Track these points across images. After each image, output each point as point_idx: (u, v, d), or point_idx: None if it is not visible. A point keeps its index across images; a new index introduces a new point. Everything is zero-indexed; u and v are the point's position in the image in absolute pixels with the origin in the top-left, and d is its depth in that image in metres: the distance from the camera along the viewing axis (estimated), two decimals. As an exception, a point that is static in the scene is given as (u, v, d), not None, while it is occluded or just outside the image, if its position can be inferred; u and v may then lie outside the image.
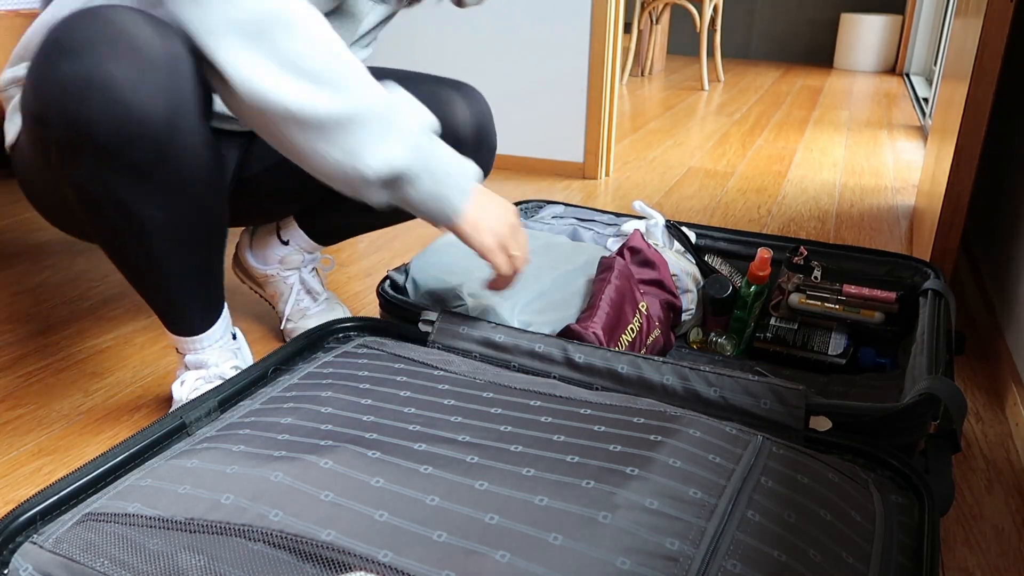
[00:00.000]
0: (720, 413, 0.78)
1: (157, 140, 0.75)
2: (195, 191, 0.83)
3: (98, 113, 0.72)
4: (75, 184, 0.79)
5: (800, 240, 1.23)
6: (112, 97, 0.72)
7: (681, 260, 1.20)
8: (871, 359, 1.11)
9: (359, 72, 0.77)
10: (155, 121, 0.75)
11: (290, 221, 1.23)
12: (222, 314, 0.98)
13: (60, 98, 0.72)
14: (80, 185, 0.78)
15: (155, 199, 0.80)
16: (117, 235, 0.83)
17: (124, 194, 0.79)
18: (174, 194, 0.81)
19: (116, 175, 0.77)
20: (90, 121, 0.72)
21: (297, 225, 1.22)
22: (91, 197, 0.79)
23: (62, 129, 0.73)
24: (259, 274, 1.24)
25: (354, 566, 0.53)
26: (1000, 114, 1.55)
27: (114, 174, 0.77)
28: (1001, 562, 0.83)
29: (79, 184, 0.79)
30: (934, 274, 1.11)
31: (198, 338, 0.96)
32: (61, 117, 0.73)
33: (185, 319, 0.94)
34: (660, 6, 4.31)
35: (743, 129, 3.03)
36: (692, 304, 1.19)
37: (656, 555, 0.53)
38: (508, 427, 0.69)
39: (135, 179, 0.78)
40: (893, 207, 2.06)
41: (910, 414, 0.74)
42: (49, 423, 1.04)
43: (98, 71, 0.71)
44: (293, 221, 1.22)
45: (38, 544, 0.59)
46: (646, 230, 1.19)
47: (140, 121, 0.74)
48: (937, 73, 3.10)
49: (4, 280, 1.48)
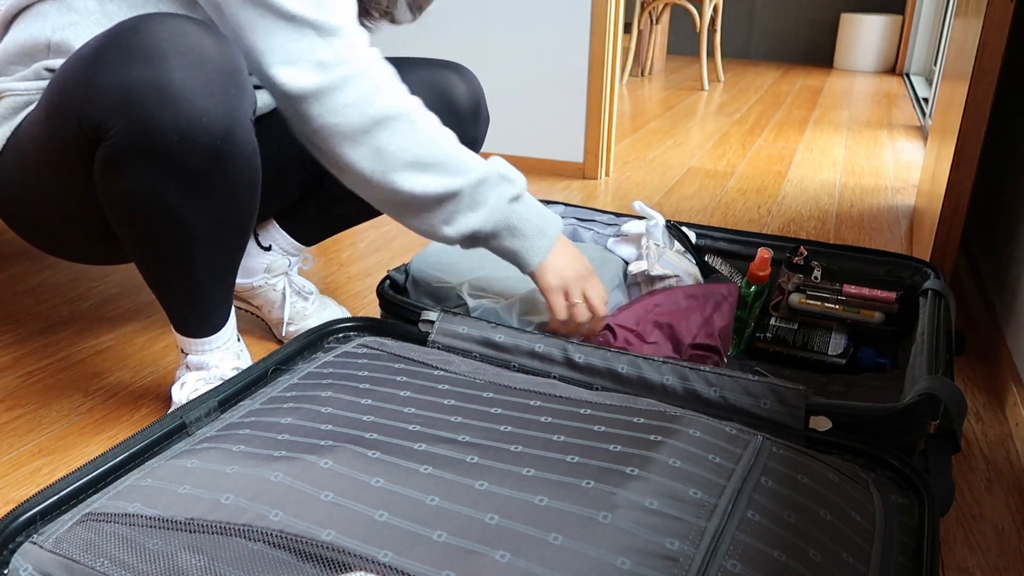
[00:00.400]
0: (720, 413, 0.78)
1: (217, 148, 0.78)
2: (243, 195, 0.85)
3: (170, 121, 0.74)
4: (123, 191, 0.79)
5: (800, 240, 1.23)
6: (183, 105, 0.74)
7: (683, 261, 1.20)
8: (871, 359, 1.11)
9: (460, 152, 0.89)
10: (219, 129, 0.77)
11: (269, 225, 1.20)
12: (231, 316, 0.98)
13: (126, 103, 0.73)
14: (130, 192, 0.79)
15: (204, 204, 0.82)
16: (157, 239, 0.84)
17: (175, 199, 0.80)
18: (224, 198, 0.83)
19: (173, 180, 0.78)
20: (160, 127, 0.74)
21: (278, 227, 1.20)
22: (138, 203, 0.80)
23: (129, 134, 0.74)
24: (243, 288, 1.21)
25: (354, 566, 0.53)
26: (1000, 114, 1.55)
27: (171, 179, 0.78)
28: (1001, 562, 0.83)
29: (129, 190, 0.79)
30: (934, 274, 1.11)
31: (209, 339, 0.96)
32: (126, 122, 0.74)
33: (202, 321, 0.94)
34: (660, 6, 4.31)
35: (743, 129, 3.03)
36: None
37: (656, 555, 0.53)
38: (508, 427, 0.69)
39: (191, 184, 0.79)
40: (893, 207, 2.06)
41: (910, 414, 0.74)
42: (49, 423, 1.04)
43: (170, 78, 0.73)
44: (273, 224, 1.20)
45: (38, 544, 0.59)
46: (647, 230, 1.19)
47: (207, 128, 0.76)
48: (937, 73, 3.10)
49: (4, 280, 1.48)
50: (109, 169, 0.79)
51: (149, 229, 0.83)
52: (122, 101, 0.73)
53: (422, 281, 1.06)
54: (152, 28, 0.74)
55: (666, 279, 1.15)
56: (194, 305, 0.92)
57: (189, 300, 0.91)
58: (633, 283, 1.19)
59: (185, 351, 0.97)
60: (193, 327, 0.95)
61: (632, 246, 1.20)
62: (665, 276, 1.15)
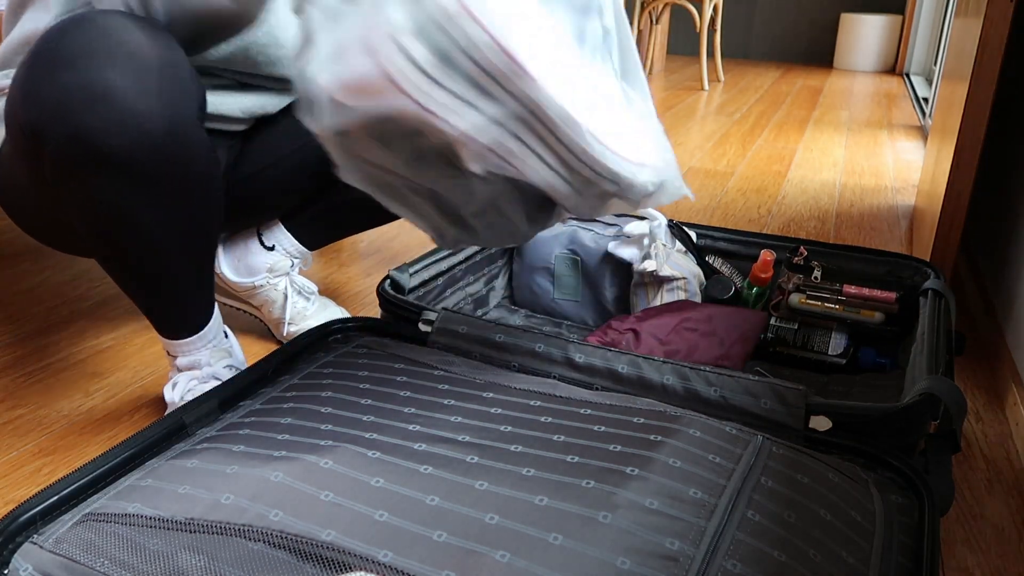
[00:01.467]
0: (720, 413, 0.78)
1: (160, 145, 0.75)
2: (196, 193, 0.83)
3: (100, 122, 0.71)
4: (74, 197, 0.78)
5: (800, 240, 1.23)
6: (113, 105, 0.71)
7: (689, 262, 1.20)
8: (871, 359, 1.11)
9: None
10: (157, 127, 0.74)
11: (274, 225, 1.20)
12: (214, 314, 0.97)
13: (58, 109, 0.71)
14: (80, 197, 0.77)
15: (158, 204, 0.80)
16: (117, 244, 0.82)
17: (126, 202, 0.78)
18: (177, 198, 0.81)
19: (119, 184, 0.76)
20: (92, 131, 0.72)
21: (283, 228, 1.20)
22: (91, 208, 0.78)
23: (62, 141, 0.72)
24: (244, 288, 1.20)
25: (354, 566, 0.53)
26: (1000, 114, 1.55)
27: (117, 183, 0.76)
28: (1001, 562, 0.83)
29: (79, 196, 0.77)
30: (934, 274, 1.11)
31: (192, 339, 0.95)
32: (60, 129, 0.72)
33: (180, 322, 0.93)
34: (660, 6, 4.31)
35: (743, 129, 3.03)
36: None
37: (656, 555, 0.53)
38: (508, 427, 0.69)
39: (138, 186, 0.77)
40: (893, 207, 2.06)
41: (910, 414, 0.74)
42: (49, 423, 1.04)
43: (97, 79, 0.71)
44: (279, 224, 1.20)
45: (38, 544, 0.59)
46: (650, 231, 1.19)
47: (143, 128, 0.73)
48: (937, 73, 3.10)
49: (4, 280, 1.48)
50: (56, 178, 0.77)
51: (108, 236, 0.81)
52: (53, 107, 0.71)
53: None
54: (78, 30, 0.72)
55: (674, 280, 1.15)
56: (168, 308, 0.91)
57: (161, 303, 0.90)
58: (639, 283, 1.19)
59: (172, 354, 0.97)
60: (171, 330, 0.94)
61: (635, 247, 1.20)
62: (674, 278, 1.15)
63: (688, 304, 1.10)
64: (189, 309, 0.92)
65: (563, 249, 1.27)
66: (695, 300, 1.17)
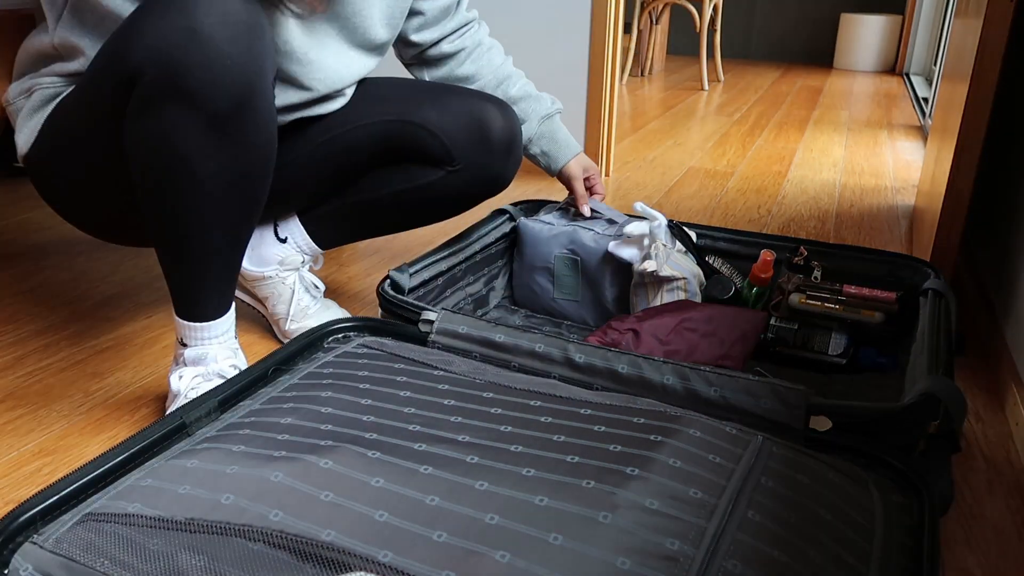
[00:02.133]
0: (720, 413, 0.78)
1: (240, 92, 0.83)
2: (254, 153, 0.89)
3: (197, 59, 0.80)
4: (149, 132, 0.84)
5: (800, 240, 1.23)
6: (211, 47, 0.80)
7: (689, 262, 1.20)
8: (871, 359, 1.11)
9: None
10: (242, 75, 0.83)
11: (290, 219, 1.22)
12: (231, 309, 0.99)
13: (163, 44, 0.80)
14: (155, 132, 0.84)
15: (221, 151, 0.86)
16: (170, 190, 0.87)
17: (195, 141, 0.84)
18: (238, 149, 0.87)
19: (196, 120, 0.83)
20: (189, 65, 0.80)
21: (299, 223, 1.22)
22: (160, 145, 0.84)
23: (160, 70, 0.81)
24: (254, 276, 1.23)
25: (354, 566, 0.53)
26: (1000, 114, 1.55)
27: (195, 119, 0.83)
28: (1001, 562, 0.83)
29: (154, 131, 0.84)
30: (934, 274, 1.11)
31: (208, 325, 0.96)
32: (162, 60, 0.80)
33: (205, 301, 0.95)
34: (660, 6, 4.31)
35: (743, 129, 3.03)
36: None
37: (656, 555, 0.53)
38: (508, 427, 0.69)
39: (212, 125, 0.84)
40: (893, 207, 2.06)
41: (910, 414, 0.74)
42: (49, 423, 1.04)
43: (202, 24, 0.80)
44: (295, 219, 1.22)
45: (38, 544, 0.59)
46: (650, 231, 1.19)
47: (231, 72, 0.82)
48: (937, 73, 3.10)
49: (4, 280, 1.48)
50: (140, 110, 0.84)
51: (165, 177, 0.86)
52: (155, 44, 0.81)
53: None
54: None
55: (675, 280, 1.15)
56: (199, 277, 0.93)
57: (194, 270, 0.93)
58: (639, 283, 1.18)
59: (185, 342, 0.97)
60: (194, 307, 0.95)
61: (635, 247, 1.20)
62: (674, 278, 1.15)
63: (688, 304, 1.10)
64: (215, 287, 0.95)
65: (563, 249, 1.27)
66: (695, 300, 1.17)
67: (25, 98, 0.99)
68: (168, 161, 0.85)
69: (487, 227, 1.28)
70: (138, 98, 0.83)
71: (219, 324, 0.98)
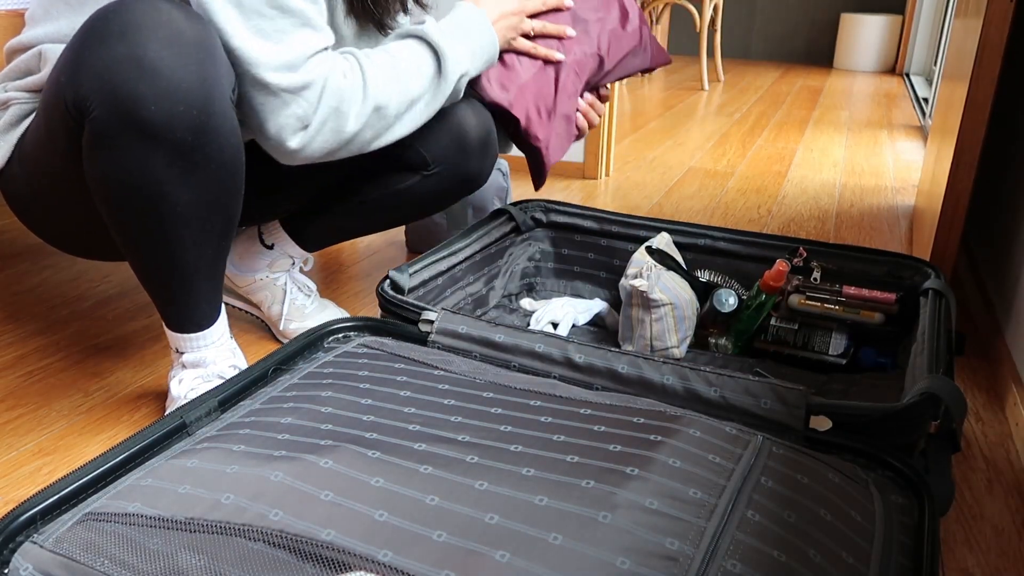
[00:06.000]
0: (720, 413, 0.78)
1: (197, 119, 0.80)
2: (223, 173, 0.86)
3: (146, 91, 0.76)
4: (108, 168, 0.81)
5: (800, 240, 1.23)
6: (159, 76, 0.77)
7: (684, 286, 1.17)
8: (871, 359, 1.11)
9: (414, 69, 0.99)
10: (196, 100, 0.79)
11: (274, 226, 1.22)
12: (222, 313, 0.98)
13: (105, 77, 0.76)
14: (114, 168, 0.81)
15: (188, 180, 0.83)
16: (142, 222, 0.85)
17: (159, 174, 0.81)
18: (205, 175, 0.84)
19: (155, 154, 0.80)
20: (136, 99, 0.76)
21: (282, 229, 1.22)
22: (123, 180, 0.81)
23: (109, 107, 0.77)
24: (245, 282, 1.23)
25: (354, 566, 0.53)
26: (1000, 114, 1.55)
27: (153, 153, 0.80)
28: (1001, 562, 0.83)
29: (113, 168, 0.81)
30: (934, 274, 1.11)
31: (202, 335, 0.96)
32: (109, 95, 0.76)
33: (193, 314, 0.94)
34: (660, 6, 4.31)
35: (743, 129, 3.03)
36: (689, 331, 1.17)
37: (656, 555, 0.53)
38: (508, 427, 0.69)
39: (173, 157, 0.81)
40: (893, 207, 2.06)
41: (910, 414, 0.74)
42: (49, 423, 1.04)
43: (146, 52, 0.76)
44: (278, 226, 1.22)
45: (38, 544, 0.59)
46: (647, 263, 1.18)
47: (184, 99, 0.78)
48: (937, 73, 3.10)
49: (4, 280, 1.48)
50: (93, 146, 0.80)
51: (135, 210, 0.84)
52: (100, 75, 0.76)
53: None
54: (126, 9, 0.78)
55: (661, 306, 1.12)
56: (184, 295, 0.92)
57: (177, 291, 0.91)
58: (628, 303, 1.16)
59: (180, 350, 0.97)
60: (184, 321, 0.95)
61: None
62: (660, 303, 1.12)
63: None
64: (201, 300, 0.94)
65: None
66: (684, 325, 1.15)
67: (3, 110, 0.95)
68: (134, 193, 0.82)
69: (487, 227, 1.28)
70: (90, 132, 0.80)
71: (212, 332, 0.97)
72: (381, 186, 1.15)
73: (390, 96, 0.96)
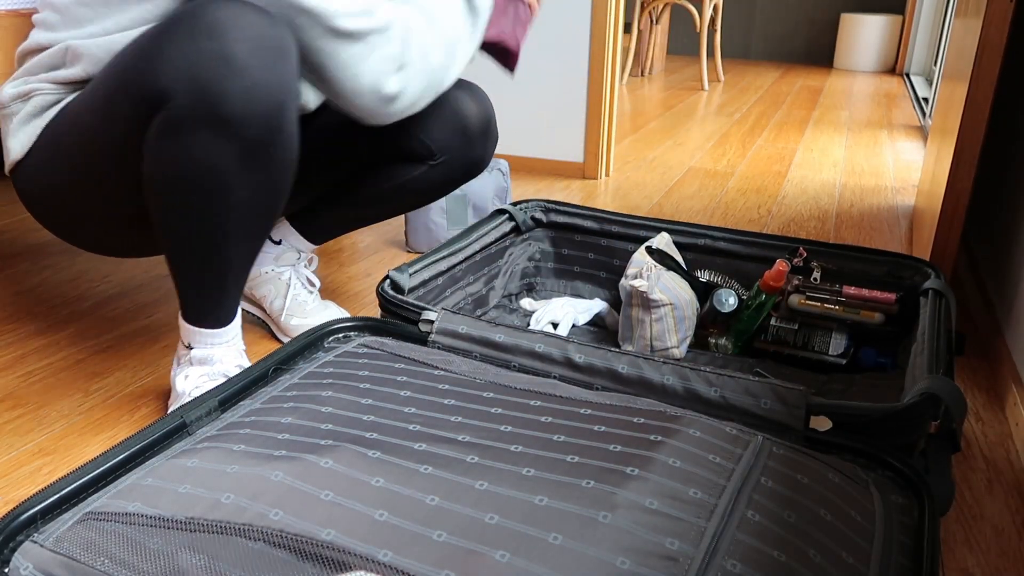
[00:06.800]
0: (720, 413, 0.78)
1: (272, 119, 0.83)
2: (281, 174, 0.88)
3: (232, 88, 0.79)
4: (177, 157, 0.82)
5: (800, 240, 1.23)
6: (245, 75, 0.80)
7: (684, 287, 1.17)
8: (871, 359, 1.11)
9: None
10: (274, 101, 0.82)
11: (281, 222, 1.24)
12: (239, 313, 1.00)
13: (195, 71, 0.79)
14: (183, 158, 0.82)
15: (250, 176, 0.85)
16: (196, 212, 0.86)
17: (225, 168, 0.83)
18: (266, 174, 0.86)
19: (228, 148, 0.82)
20: (223, 93, 0.79)
21: (288, 224, 1.24)
22: (188, 170, 0.83)
23: (193, 98, 0.79)
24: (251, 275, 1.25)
25: (354, 565, 0.53)
26: (1000, 114, 1.55)
27: (226, 146, 0.82)
28: (1001, 562, 0.83)
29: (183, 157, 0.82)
30: (934, 274, 1.11)
31: (218, 331, 0.97)
32: (195, 88, 0.79)
33: (216, 309, 0.95)
34: (660, 6, 4.31)
35: (743, 129, 3.03)
36: (689, 331, 1.17)
37: (656, 555, 0.53)
38: (508, 427, 0.69)
39: (242, 153, 0.83)
40: (893, 207, 2.06)
41: (910, 414, 0.74)
42: (49, 423, 1.04)
43: (235, 51, 0.79)
44: (284, 221, 1.24)
45: (39, 543, 0.59)
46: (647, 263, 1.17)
47: (264, 99, 0.81)
48: (937, 73, 3.10)
49: (4, 280, 1.48)
50: (166, 135, 0.82)
51: (192, 201, 0.85)
52: (188, 69, 0.79)
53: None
54: (215, 7, 0.80)
55: (661, 306, 1.13)
56: (214, 289, 0.93)
57: (211, 283, 0.93)
58: (628, 304, 1.16)
59: (191, 345, 0.98)
60: (206, 315, 0.96)
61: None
62: (660, 303, 1.12)
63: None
64: (228, 296, 0.95)
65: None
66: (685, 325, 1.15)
67: (22, 103, 0.96)
68: (198, 183, 0.84)
69: (487, 227, 1.28)
70: (165, 120, 0.82)
71: (228, 330, 0.98)
72: (389, 178, 1.16)
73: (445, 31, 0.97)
